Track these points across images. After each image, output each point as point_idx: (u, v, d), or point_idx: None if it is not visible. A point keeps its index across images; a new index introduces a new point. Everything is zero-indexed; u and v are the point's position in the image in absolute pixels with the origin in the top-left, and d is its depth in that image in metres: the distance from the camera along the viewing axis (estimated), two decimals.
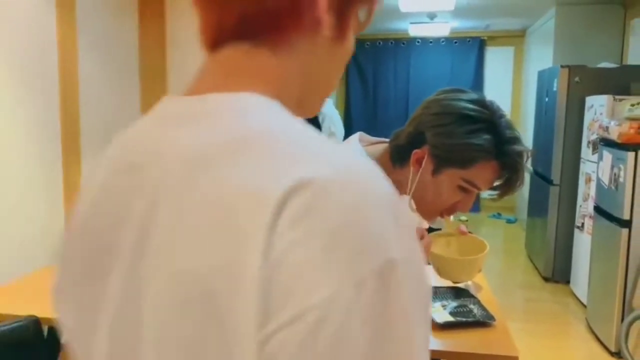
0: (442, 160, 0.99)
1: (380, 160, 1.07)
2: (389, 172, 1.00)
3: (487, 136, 0.96)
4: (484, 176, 0.99)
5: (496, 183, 1.02)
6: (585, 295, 3.71)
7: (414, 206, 1.05)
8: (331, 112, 4.78)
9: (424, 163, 1.01)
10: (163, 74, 3.69)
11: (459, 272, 1.11)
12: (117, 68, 3.39)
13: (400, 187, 1.05)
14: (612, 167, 3.25)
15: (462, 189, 1.00)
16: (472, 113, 0.97)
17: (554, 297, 4.13)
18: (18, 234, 2.60)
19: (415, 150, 1.02)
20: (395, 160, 1.06)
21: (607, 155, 3.35)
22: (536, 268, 4.71)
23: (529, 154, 1.02)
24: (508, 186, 1.01)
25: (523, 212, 5.83)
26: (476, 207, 7.14)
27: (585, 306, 3.71)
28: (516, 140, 0.99)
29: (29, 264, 2.55)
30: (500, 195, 1.03)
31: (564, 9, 4.89)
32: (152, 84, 3.68)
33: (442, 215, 1.06)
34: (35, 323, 1.57)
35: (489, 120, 0.97)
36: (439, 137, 0.98)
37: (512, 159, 0.98)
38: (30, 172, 2.66)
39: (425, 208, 1.05)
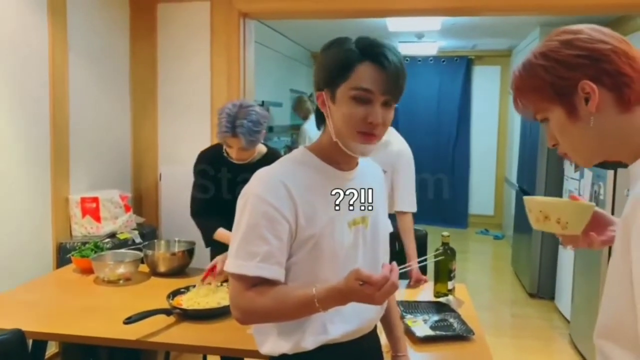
0: (330, 84, 1.12)
1: (318, 144, 1.21)
2: (326, 142, 1.17)
3: (345, 47, 1.11)
4: (367, 77, 1.09)
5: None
6: (569, 311, 3.75)
7: (345, 142, 1.13)
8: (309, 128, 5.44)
9: (325, 100, 1.14)
10: (154, 87, 3.72)
11: (576, 219, 1.06)
12: (108, 81, 3.43)
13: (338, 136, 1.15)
14: (593, 184, 3.32)
15: (357, 100, 1.09)
16: (327, 43, 1.15)
17: (538, 312, 4.18)
18: (4, 247, 2.59)
19: (317, 96, 1.16)
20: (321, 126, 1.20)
21: (588, 173, 3.42)
22: (522, 284, 4.76)
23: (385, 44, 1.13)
24: (384, 72, 1.09)
25: (510, 229, 5.89)
26: (463, 224, 7.19)
27: (568, 322, 3.76)
28: (366, 38, 1.12)
29: (15, 276, 2.55)
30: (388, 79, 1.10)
31: (547, 30, 5.00)
32: (143, 97, 3.71)
33: (363, 135, 1.11)
34: (19, 336, 1.57)
35: (341, 39, 1.14)
36: (319, 73, 1.14)
37: (373, 49, 1.09)
38: (18, 185, 2.67)
39: (345, 134, 1.12)
